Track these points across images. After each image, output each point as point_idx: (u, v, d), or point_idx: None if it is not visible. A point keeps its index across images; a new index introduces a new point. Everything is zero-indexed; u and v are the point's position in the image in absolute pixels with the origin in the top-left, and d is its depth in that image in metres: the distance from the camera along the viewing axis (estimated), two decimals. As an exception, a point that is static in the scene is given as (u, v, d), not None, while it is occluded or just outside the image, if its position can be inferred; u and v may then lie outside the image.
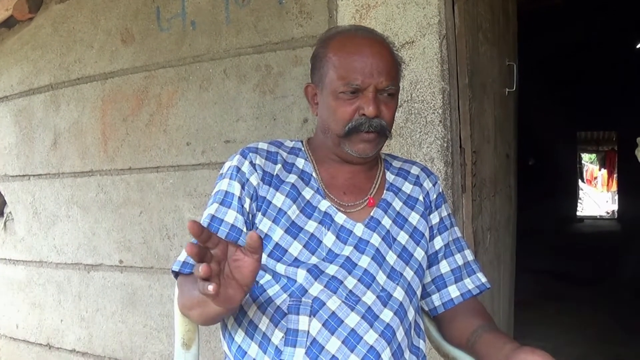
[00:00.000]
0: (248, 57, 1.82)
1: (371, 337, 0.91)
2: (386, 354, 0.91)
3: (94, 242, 2.23)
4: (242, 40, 1.83)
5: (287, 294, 0.93)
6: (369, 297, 0.94)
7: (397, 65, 1.02)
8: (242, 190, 0.99)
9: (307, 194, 1.02)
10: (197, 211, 1.94)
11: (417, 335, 1.02)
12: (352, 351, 0.90)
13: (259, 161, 1.02)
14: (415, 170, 1.13)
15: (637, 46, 5.45)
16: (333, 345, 0.90)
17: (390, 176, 1.10)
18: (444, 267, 1.07)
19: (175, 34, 1.97)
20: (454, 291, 1.06)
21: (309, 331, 0.90)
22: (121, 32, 2.09)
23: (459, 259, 1.08)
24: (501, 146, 2.13)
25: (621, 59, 5.75)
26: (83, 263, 2.27)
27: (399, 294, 0.97)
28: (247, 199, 0.99)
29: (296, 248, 0.96)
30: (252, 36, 1.81)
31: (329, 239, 0.98)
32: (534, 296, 4.06)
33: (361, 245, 0.98)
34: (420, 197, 1.09)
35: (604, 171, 14.44)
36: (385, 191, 1.07)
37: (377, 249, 0.99)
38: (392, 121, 1.02)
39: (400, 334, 0.95)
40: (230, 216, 0.98)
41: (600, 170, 15.73)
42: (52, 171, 2.34)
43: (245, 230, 0.98)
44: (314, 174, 1.04)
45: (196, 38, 1.92)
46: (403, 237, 1.03)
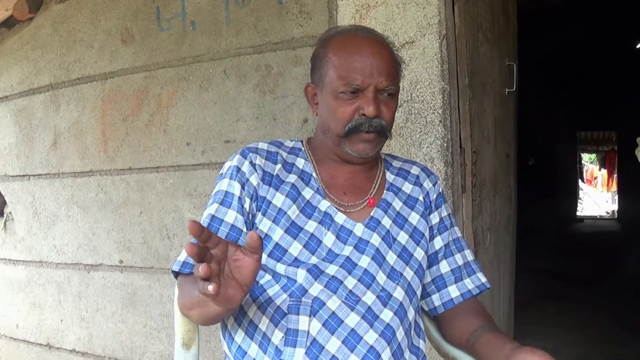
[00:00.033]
0: (248, 57, 1.82)
1: (371, 337, 0.91)
2: (386, 354, 0.91)
3: (94, 242, 2.23)
4: (242, 40, 1.83)
5: (287, 294, 0.93)
6: (369, 297, 0.94)
7: (397, 65, 1.02)
8: (242, 190, 0.99)
9: (307, 194, 1.02)
10: (197, 211, 1.94)
11: (417, 335, 1.02)
12: (352, 351, 0.90)
13: (259, 161, 1.01)
14: (415, 170, 1.12)
15: (637, 46, 5.45)
16: (333, 345, 0.90)
17: (390, 176, 1.10)
18: (444, 267, 1.07)
19: (175, 34, 1.97)
20: (454, 291, 1.06)
21: (309, 331, 0.90)
22: (121, 32, 2.09)
23: (459, 259, 1.08)
24: (501, 146, 2.13)
25: (621, 59, 5.75)
26: (83, 263, 2.27)
27: (399, 294, 0.97)
28: (247, 199, 0.99)
29: (296, 248, 0.96)
30: (252, 36, 1.81)
31: (329, 239, 0.98)
32: (534, 296, 4.06)
33: (361, 245, 0.98)
34: (420, 197, 1.09)
35: (604, 171, 14.44)
36: (385, 191, 1.07)
37: (377, 249, 0.99)
38: (392, 121, 1.02)
39: (400, 334, 0.95)
40: (230, 216, 0.97)
41: (600, 170, 15.73)
42: (52, 171, 2.34)
43: (245, 230, 0.98)
44: (314, 174, 1.04)
45: (196, 38, 1.92)
46: (403, 237, 1.03)
